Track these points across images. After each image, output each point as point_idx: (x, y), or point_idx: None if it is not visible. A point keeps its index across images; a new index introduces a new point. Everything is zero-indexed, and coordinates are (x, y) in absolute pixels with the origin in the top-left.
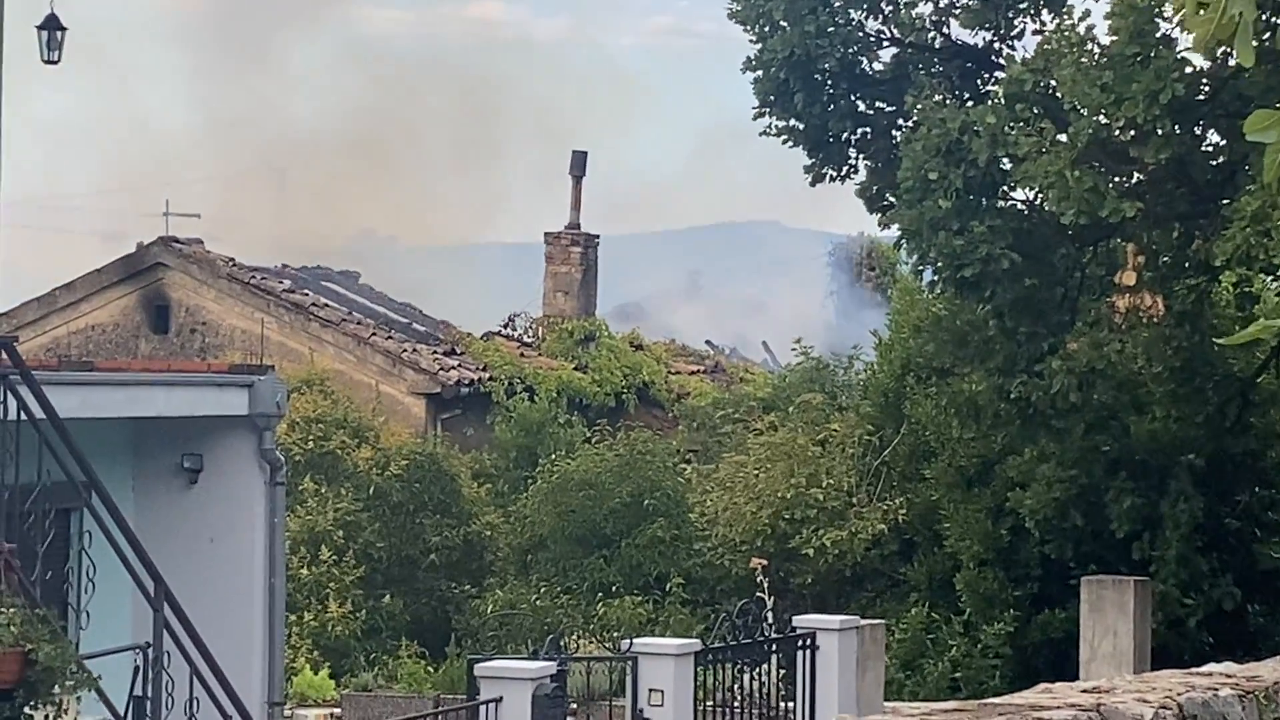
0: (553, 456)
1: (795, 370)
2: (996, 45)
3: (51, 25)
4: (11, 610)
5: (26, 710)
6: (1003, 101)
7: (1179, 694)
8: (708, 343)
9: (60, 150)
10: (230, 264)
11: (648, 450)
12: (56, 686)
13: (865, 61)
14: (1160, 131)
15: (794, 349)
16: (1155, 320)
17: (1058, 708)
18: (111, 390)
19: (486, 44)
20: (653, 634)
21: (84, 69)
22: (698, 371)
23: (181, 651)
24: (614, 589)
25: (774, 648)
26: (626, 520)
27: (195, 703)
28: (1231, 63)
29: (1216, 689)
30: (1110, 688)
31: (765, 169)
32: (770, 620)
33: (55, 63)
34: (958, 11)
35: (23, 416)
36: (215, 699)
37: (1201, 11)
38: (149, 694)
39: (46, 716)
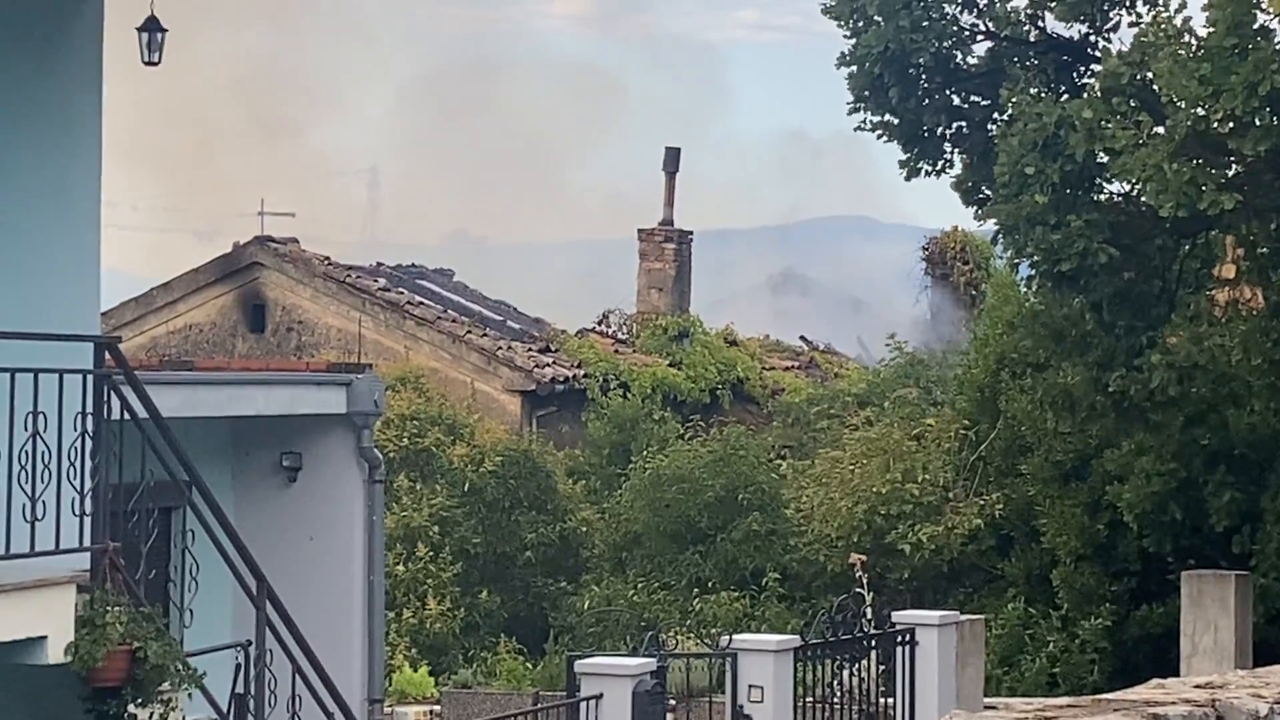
0: (646, 453)
1: (890, 366)
2: (1092, 38)
3: (152, 27)
4: (118, 609)
5: (132, 708)
6: (1099, 95)
7: None
8: (802, 338)
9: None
10: (326, 263)
11: (742, 446)
12: (164, 684)
13: (960, 56)
14: (1259, 123)
15: (888, 344)
16: (1254, 313)
17: (1173, 703)
18: (212, 389)
19: (573, 40)
20: (749, 629)
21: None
22: (792, 367)
23: (284, 649)
24: (710, 584)
25: (873, 643)
26: (721, 515)
27: (298, 700)
28: None
29: None
30: (1224, 683)
31: (856, 163)
32: (869, 616)
33: (156, 64)
34: (1053, 5)
35: (126, 416)
36: (317, 696)
37: None
38: (251, 692)
39: (152, 714)
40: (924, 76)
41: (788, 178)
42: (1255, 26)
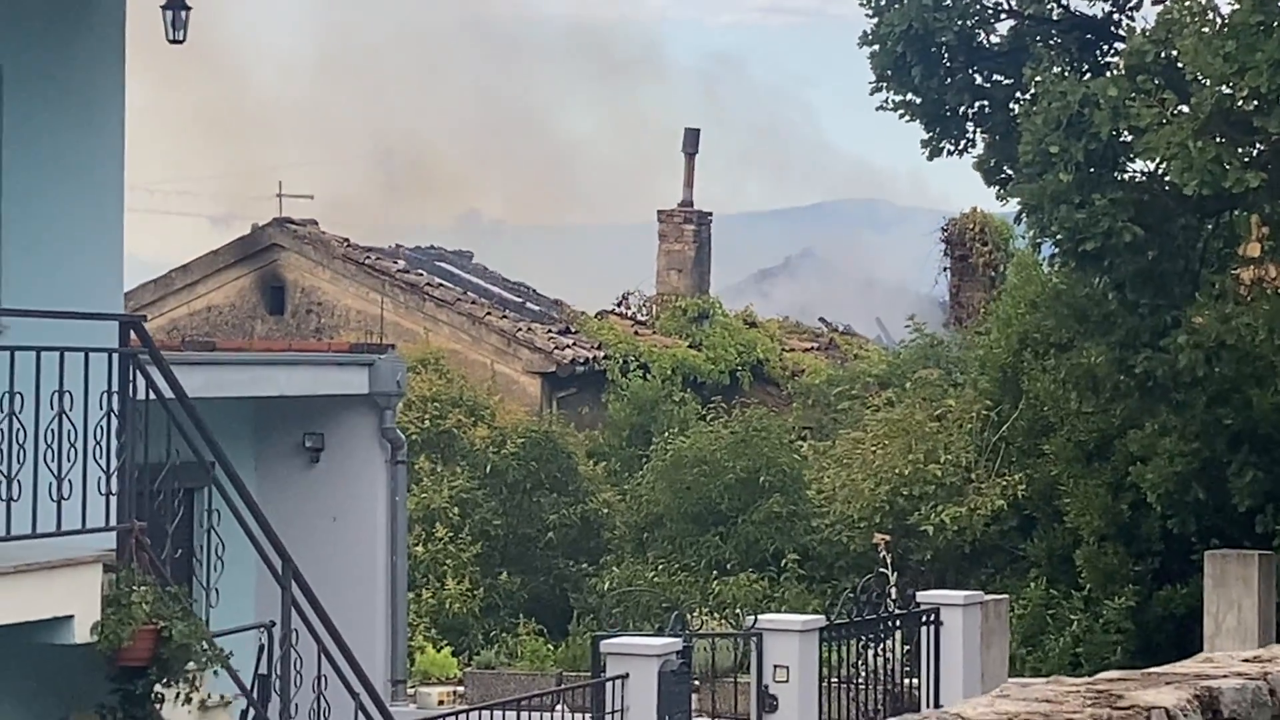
0: (666, 434)
1: (910, 346)
2: (1115, 16)
3: (176, 5)
4: (144, 588)
5: (158, 687)
6: (1123, 73)
7: None
8: (821, 320)
9: (171, 134)
10: (345, 244)
11: (763, 427)
12: (189, 664)
13: (983, 34)
14: None
15: (907, 325)
16: (1278, 292)
17: (1224, 676)
18: (235, 370)
19: (590, 23)
20: (769, 610)
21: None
22: (812, 348)
23: (309, 629)
24: (729, 566)
25: (898, 623)
26: (742, 497)
27: (323, 680)
28: None
29: None
30: (1272, 656)
31: (873, 144)
32: (893, 596)
33: (180, 42)
34: None
35: (151, 395)
36: (342, 676)
37: None
38: (278, 672)
39: (178, 693)
40: (946, 55)
41: (796, 159)
42: None
